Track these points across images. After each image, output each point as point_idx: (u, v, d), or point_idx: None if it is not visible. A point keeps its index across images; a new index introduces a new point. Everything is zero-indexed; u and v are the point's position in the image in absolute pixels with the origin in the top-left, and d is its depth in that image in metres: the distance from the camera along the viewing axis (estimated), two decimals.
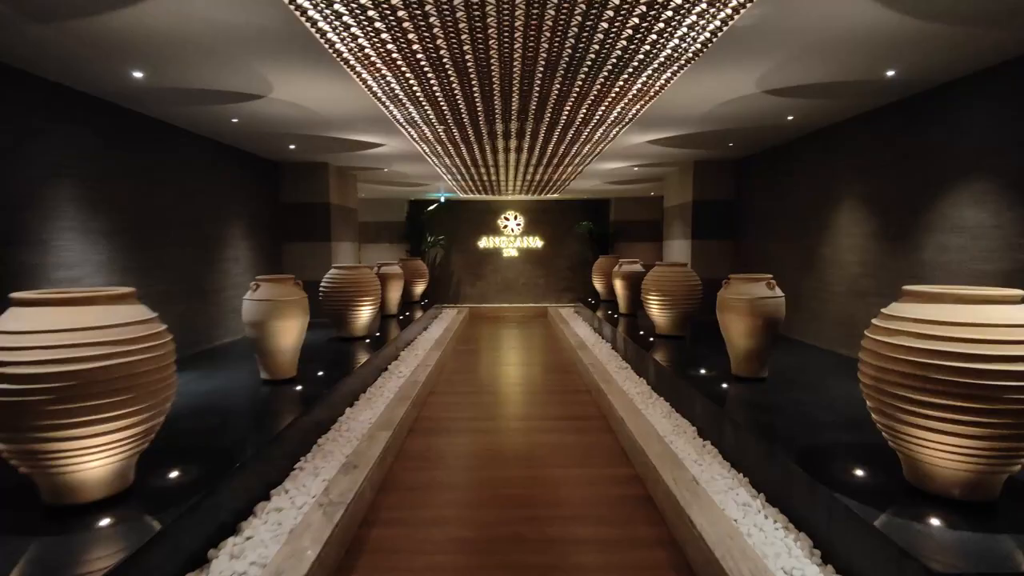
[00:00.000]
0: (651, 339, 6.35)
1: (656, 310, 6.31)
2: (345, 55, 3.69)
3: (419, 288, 10.71)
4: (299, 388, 4.36)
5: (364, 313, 6.44)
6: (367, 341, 6.43)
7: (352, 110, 5.10)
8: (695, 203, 8.22)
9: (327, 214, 8.18)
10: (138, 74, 3.93)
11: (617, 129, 5.85)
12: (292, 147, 6.79)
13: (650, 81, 4.26)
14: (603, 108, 5.05)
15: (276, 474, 3.24)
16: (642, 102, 4.87)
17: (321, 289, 6.37)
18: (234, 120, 5.36)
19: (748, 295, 4.28)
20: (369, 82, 4.24)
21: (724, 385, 4.32)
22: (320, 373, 4.83)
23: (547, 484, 3.68)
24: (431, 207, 13.53)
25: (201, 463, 2.87)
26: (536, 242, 14.16)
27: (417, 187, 11.40)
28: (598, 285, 10.68)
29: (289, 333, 4.41)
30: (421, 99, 4.73)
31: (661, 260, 10.12)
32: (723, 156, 7.84)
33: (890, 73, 4.06)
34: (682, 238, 8.66)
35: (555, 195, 12.54)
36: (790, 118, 5.45)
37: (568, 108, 5.02)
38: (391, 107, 4.96)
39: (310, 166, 8.11)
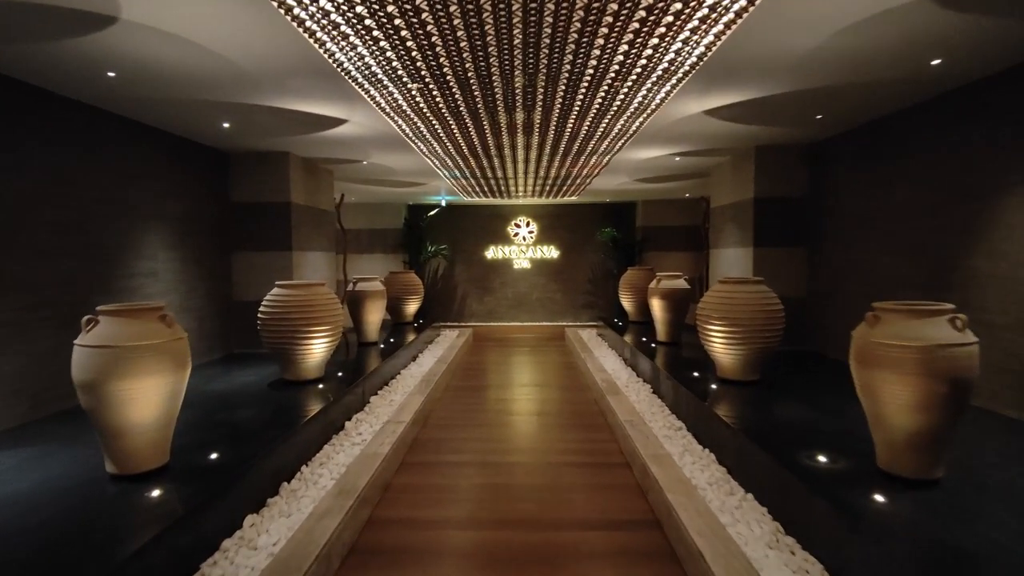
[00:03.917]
0: (713, 386, 4.53)
1: (720, 345, 4.48)
2: None
3: (412, 307, 8.98)
4: (161, 492, 2.64)
5: (316, 348, 4.71)
6: (320, 386, 4.70)
7: (272, 50, 3.41)
8: (757, 201, 6.39)
9: (287, 216, 6.50)
10: None
11: (668, 87, 4.08)
12: (225, 125, 5.12)
13: None
14: (652, 46, 3.30)
15: None
16: (716, 29, 3.11)
17: (259, 316, 4.68)
18: (111, 74, 3.70)
19: (919, 340, 2.48)
20: None
21: (876, 496, 2.51)
22: (214, 455, 3.10)
23: None
24: (432, 212, 11.85)
25: None
26: (551, 252, 12.39)
27: (414, 188, 9.71)
28: (626, 303, 8.86)
29: (148, 400, 2.70)
30: (372, 28, 3.02)
31: (706, 271, 8.30)
32: (793, 139, 6.03)
33: None
34: (737, 246, 6.83)
35: (573, 198, 10.78)
36: (935, 62, 3.64)
37: (600, 47, 3.28)
38: (329, 45, 3.26)
39: (266, 156, 6.45)
